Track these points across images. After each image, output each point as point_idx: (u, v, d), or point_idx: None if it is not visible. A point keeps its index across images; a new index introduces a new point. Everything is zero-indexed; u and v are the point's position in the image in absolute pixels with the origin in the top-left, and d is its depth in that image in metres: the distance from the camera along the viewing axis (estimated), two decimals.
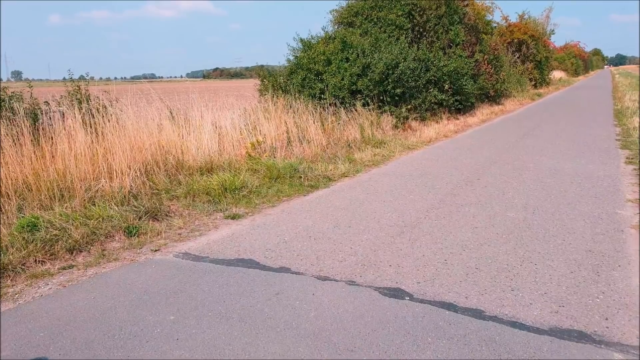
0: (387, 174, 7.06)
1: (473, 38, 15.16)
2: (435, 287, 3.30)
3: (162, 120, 6.38)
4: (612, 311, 2.90)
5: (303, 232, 4.54)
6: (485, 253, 3.89)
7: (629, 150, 8.29)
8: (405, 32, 12.17)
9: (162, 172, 5.65)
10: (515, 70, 23.91)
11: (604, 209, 4.97)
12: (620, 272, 3.46)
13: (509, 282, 3.35)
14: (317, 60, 10.92)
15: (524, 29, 27.56)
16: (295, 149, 7.53)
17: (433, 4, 12.92)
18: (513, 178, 6.48)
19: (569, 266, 3.58)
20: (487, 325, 2.78)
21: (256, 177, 6.17)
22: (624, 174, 6.59)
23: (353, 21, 12.49)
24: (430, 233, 4.42)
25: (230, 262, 3.87)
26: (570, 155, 8.01)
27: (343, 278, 3.50)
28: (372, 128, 9.94)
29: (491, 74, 16.24)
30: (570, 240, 4.12)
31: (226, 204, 5.36)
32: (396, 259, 3.84)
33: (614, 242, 4.06)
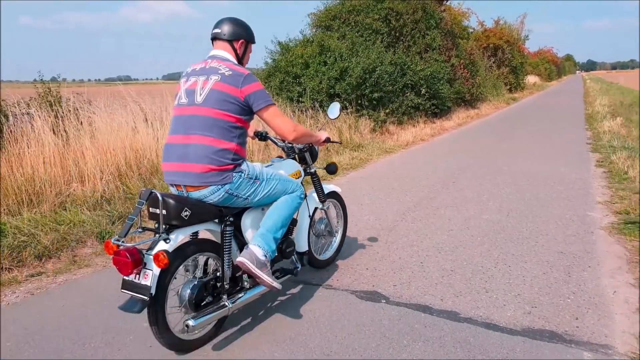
0: (364, 178, 7.08)
1: (449, 43, 15.37)
2: (411, 290, 3.31)
3: (136, 123, 6.27)
4: (582, 311, 2.96)
5: None
6: (460, 255, 3.93)
7: (599, 153, 8.49)
8: (382, 37, 12.26)
9: (136, 175, 5.55)
10: (491, 74, 24.34)
11: (575, 211, 5.07)
12: (590, 273, 3.53)
13: (484, 283, 3.39)
14: (295, 64, 10.91)
15: (500, 34, 28.09)
16: (273, 152, 7.49)
17: (409, 9, 13.04)
18: (488, 181, 6.57)
19: (542, 267, 3.64)
20: (461, 327, 2.80)
21: None
22: (594, 176, 6.74)
23: (331, 25, 12.53)
24: (406, 236, 4.45)
25: None
26: (543, 159, 8.16)
27: (320, 282, 3.49)
28: (351, 131, 9.97)
29: (467, 78, 16.48)
30: (543, 242, 4.19)
31: None
32: (373, 262, 3.84)
33: (584, 243, 4.14)
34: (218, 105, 2.54)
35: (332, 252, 3.78)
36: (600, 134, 10.78)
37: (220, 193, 2.56)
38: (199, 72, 2.66)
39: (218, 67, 2.62)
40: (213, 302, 2.60)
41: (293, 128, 2.76)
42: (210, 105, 2.54)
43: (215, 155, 2.50)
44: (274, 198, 2.85)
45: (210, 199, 2.56)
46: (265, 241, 2.67)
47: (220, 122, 2.54)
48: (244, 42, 2.80)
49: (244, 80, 2.58)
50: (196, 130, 2.53)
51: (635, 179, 6.22)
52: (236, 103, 2.56)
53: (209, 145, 2.50)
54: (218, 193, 2.55)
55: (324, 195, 3.61)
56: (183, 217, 2.41)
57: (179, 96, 2.68)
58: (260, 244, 2.65)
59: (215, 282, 2.64)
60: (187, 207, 2.42)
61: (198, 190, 2.53)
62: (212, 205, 2.59)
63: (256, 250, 2.62)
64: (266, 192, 2.77)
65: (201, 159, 2.49)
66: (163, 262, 2.23)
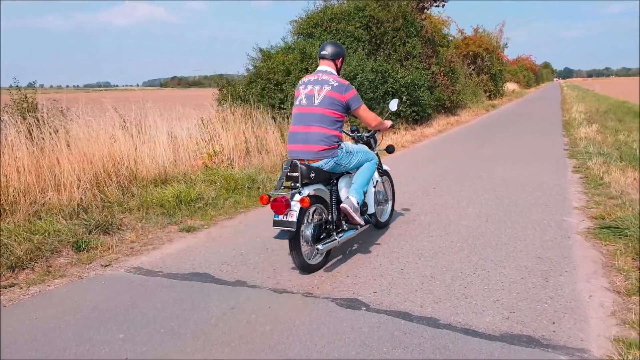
0: None
1: (430, 50, 15.54)
2: (392, 297, 3.31)
3: (115, 130, 6.19)
4: (558, 315, 2.99)
5: (261, 244, 4.49)
6: (440, 261, 3.95)
7: (576, 159, 8.64)
8: (363, 44, 12.35)
9: (114, 183, 5.47)
10: (471, 82, 24.67)
11: (552, 217, 5.15)
12: (567, 278, 3.58)
13: (463, 289, 3.41)
14: (277, 70, 10.92)
15: (479, 42, 28.53)
16: (254, 159, 7.47)
17: (390, 17, 13.16)
18: (467, 187, 6.64)
19: (520, 273, 3.68)
20: (441, 334, 2.81)
21: (212, 189, 6.07)
22: (571, 182, 6.86)
23: (312, 32, 12.58)
24: (387, 242, 4.46)
25: (185, 276, 3.78)
26: (522, 165, 8.28)
27: (300, 290, 3.47)
28: None
29: (447, 85, 16.68)
30: (521, 248, 4.24)
31: (181, 217, 5.25)
32: (353, 269, 3.84)
33: (561, 248, 4.20)
34: (329, 106, 3.79)
35: (387, 216, 4.93)
36: (577, 141, 10.98)
37: (330, 163, 3.82)
38: (314, 82, 3.90)
39: (328, 80, 3.86)
40: (326, 237, 3.86)
41: (374, 119, 4.18)
42: (324, 106, 3.78)
43: (327, 139, 3.76)
44: (360, 164, 4.12)
45: (324, 167, 3.81)
46: (357, 193, 3.97)
47: (330, 117, 3.79)
48: (341, 59, 4.11)
49: (345, 90, 3.86)
50: (314, 122, 3.76)
51: (609, 185, 6.34)
52: (340, 105, 3.83)
53: (323, 132, 3.75)
54: (329, 163, 3.82)
55: (382, 171, 4.86)
56: (310, 178, 3.69)
57: (300, 99, 3.89)
58: (354, 195, 3.94)
59: (325, 224, 3.87)
60: (312, 171, 3.70)
61: (316, 162, 3.76)
62: (325, 172, 3.84)
63: (352, 199, 3.92)
64: (356, 160, 4.06)
65: (318, 142, 3.74)
66: (307, 203, 3.48)
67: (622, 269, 3.69)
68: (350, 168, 4.07)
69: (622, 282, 3.45)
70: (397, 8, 13.39)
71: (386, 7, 13.22)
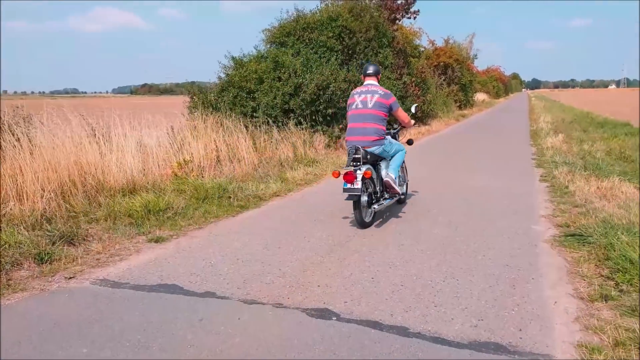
0: (318, 193, 7.09)
1: (401, 61, 15.75)
2: (362, 306, 3.31)
3: (81, 139, 6.04)
4: (525, 322, 3.04)
5: (231, 254, 4.43)
6: (410, 270, 3.98)
7: (543, 168, 8.86)
8: (336, 54, 12.42)
9: (80, 193, 5.33)
10: (442, 92, 25.09)
11: (520, 225, 5.26)
12: (534, 285, 3.64)
13: (433, 298, 3.43)
14: (249, 79, 10.89)
15: (449, 53, 29.11)
16: (225, 168, 7.40)
17: (363, 27, 13.29)
18: (438, 195, 6.73)
19: (488, 281, 3.73)
20: (411, 342, 2.82)
21: (182, 198, 5.98)
22: (538, 191, 7.03)
23: (285, 41, 12.59)
24: (358, 251, 4.46)
25: (152, 288, 3.70)
26: (491, 174, 8.44)
27: (270, 301, 3.43)
28: (305, 147, 10.00)
29: (418, 95, 16.91)
30: (490, 256, 4.30)
31: (149, 227, 5.14)
32: (325, 279, 3.83)
33: (528, 256, 4.29)
34: (379, 109, 5.26)
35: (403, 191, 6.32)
36: (544, 150, 11.28)
37: (379, 149, 5.31)
38: (366, 92, 5.36)
39: (376, 90, 5.37)
40: (374, 203, 5.28)
41: (407, 118, 5.81)
42: (375, 109, 5.25)
43: (378, 132, 5.23)
44: (395, 152, 5.58)
45: (375, 152, 5.29)
46: (394, 172, 5.50)
47: (379, 117, 5.27)
48: (379, 75, 5.62)
49: (389, 97, 5.37)
50: (369, 120, 5.23)
51: (574, 193, 6.52)
52: (385, 107, 5.31)
53: (375, 127, 5.22)
54: (378, 149, 5.30)
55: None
56: (367, 159, 5.12)
57: (356, 104, 5.34)
58: (392, 172, 5.47)
59: (372, 194, 5.27)
60: (368, 154, 5.16)
61: (370, 148, 5.20)
62: (375, 155, 5.32)
63: (391, 175, 5.44)
64: (394, 149, 5.55)
65: (372, 134, 5.21)
66: (369, 174, 4.94)
67: (585, 276, 3.78)
68: (390, 155, 5.54)
69: (585, 289, 3.54)
70: (369, 19, 13.54)
71: (359, 17, 13.36)
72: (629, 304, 3.22)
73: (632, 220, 4.91)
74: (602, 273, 3.82)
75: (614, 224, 4.79)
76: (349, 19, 12.98)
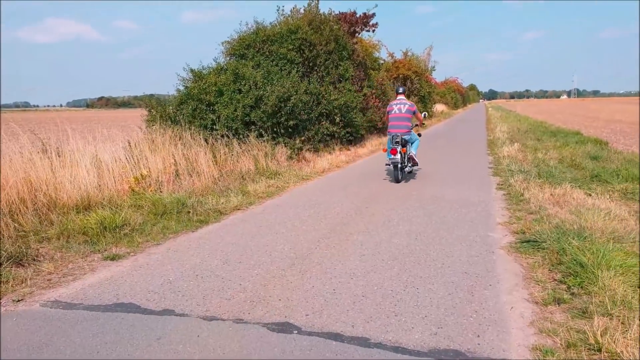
0: (280, 205, 7.05)
1: (362, 73, 15.97)
2: (323, 318, 3.30)
3: (31, 154, 5.81)
4: (483, 328, 3.10)
5: (190, 270, 4.34)
6: (371, 280, 3.99)
7: (500, 177, 9.12)
8: (296, 66, 12.48)
9: (30, 211, 5.12)
10: None
11: (478, 233, 5.37)
12: (491, 291, 3.72)
13: (393, 307, 3.45)
14: (209, 91, 10.79)
15: (408, 65, 29.74)
16: (184, 182, 7.27)
17: (323, 40, 13.42)
18: (398, 206, 6.81)
19: (447, 288, 3.79)
20: (371, 353, 2.82)
21: (140, 214, 5.83)
22: (495, 199, 7.21)
23: (245, 53, 12.56)
24: (320, 263, 4.45)
25: (107, 307, 3.57)
26: (449, 183, 8.62)
27: (230, 317, 3.37)
28: (267, 159, 9.96)
29: (379, 107, 17.16)
30: (449, 264, 4.37)
31: (105, 244, 4.98)
32: (286, 292, 3.79)
33: (486, 263, 4.38)
34: (408, 113, 8.87)
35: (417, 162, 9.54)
36: (501, 159, 11.60)
37: (408, 136, 8.85)
38: (399, 103, 8.94)
39: (405, 102, 8.96)
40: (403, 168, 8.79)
41: (422, 118, 9.88)
42: (406, 113, 8.86)
43: (407, 127, 8.87)
44: (414, 139, 9.24)
45: (405, 138, 8.73)
46: (415, 150, 9.23)
47: (408, 118, 8.89)
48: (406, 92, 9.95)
49: (412, 106, 8.99)
50: (403, 120, 8.84)
51: (529, 201, 6.72)
52: (411, 112, 8.95)
53: (406, 124, 8.85)
54: (407, 136, 8.83)
55: None
56: (403, 141, 8.65)
57: (394, 110, 8.92)
58: (413, 151, 9.16)
59: (400, 164, 8.58)
60: (402, 139, 8.60)
61: (404, 136, 8.69)
62: (405, 140, 8.70)
63: (413, 152, 9.14)
64: (414, 137, 9.26)
65: (405, 128, 8.82)
66: (404, 151, 8.65)
67: (540, 281, 3.89)
68: (412, 141, 9.12)
69: (539, 293, 3.64)
70: (329, 31, 13.68)
71: (318, 30, 13.48)
72: (579, 307, 3.33)
73: (583, 225, 5.10)
74: (555, 277, 3.95)
75: (565, 229, 4.97)
76: (309, 32, 13.08)
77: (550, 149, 12.83)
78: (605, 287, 3.50)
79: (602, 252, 4.04)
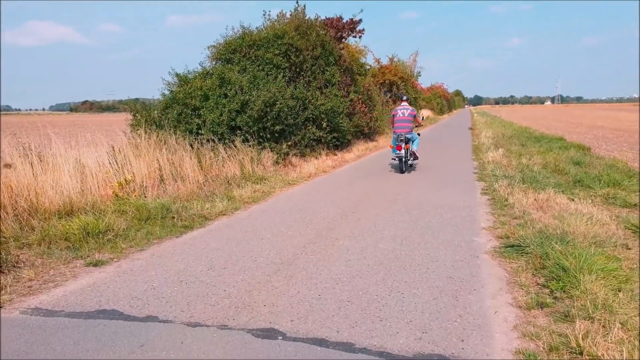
0: (266, 211, 7.03)
1: (348, 79, 16.02)
2: (309, 324, 3.29)
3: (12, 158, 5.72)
4: (467, 333, 3.11)
5: (174, 276, 4.30)
6: (357, 285, 3.99)
7: (484, 182, 9.20)
8: (283, 71, 12.48)
9: (10, 217, 5.03)
10: (388, 109, 25.68)
11: (462, 237, 5.41)
12: (475, 296, 3.75)
13: (378, 312, 3.45)
14: (194, 95, 10.73)
15: (394, 70, 29.96)
16: (169, 187, 7.21)
17: (309, 45, 13.44)
18: (384, 210, 6.83)
19: (432, 293, 3.80)
20: (356, 358, 2.82)
21: (124, 219, 5.76)
22: (479, 204, 7.27)
23: (231, 58, 12.53)
24: (305, 269, 4.44)
25: (90, 314, 3.52)
26: (435, 188, 8.68)
27: (215, 323, 3.35)
28: (253, 164, 9.92)
29: (365, 112, 17.23)
30: (434, 268, 4.39)
31: (88, 250, 4.92)
32: (271, 298, 3.78)
33: (470, 267, 4.41)
34: (409, 116, 11.04)
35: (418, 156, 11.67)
36: (485, 164, 11.71)
37: (410, 135, 10.87)
38: (403, 108, 11.18)
39: (408, 107, 11.27)
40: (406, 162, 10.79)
41: (420, 121, 12.28)
42: (408, 116, 11.05)
43: (410, 127, 10.94)
44: (415, 138, 11.26)
45: (408, 136, 10.75)
46: (416, 147, 11.35)
47: (410, 120, 11.05)
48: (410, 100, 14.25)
49: (414, 110, 11.38)
50: (406, 122, 10.95)
51: (513, 206, 6.79)
52: (412, 115, 11.18)
53: (409, 125, 10.93)
54: (410, 135, 10.84)
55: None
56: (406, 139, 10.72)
57: (399, 114, 11.05)
58: (415, 147, 11.28)
59: (404, 157, 10.67)
60: (405, 137, 10.69)
61: (407, 135, 10.71)
62: (407, 138, 10.74)
63: (414, 148, 11.26)
64: (415, 136, 11.30)
65: (407, 128, 10.87)
66: (407, 147, 10.79)
67: (523, 285, 3.93)
68: (413, 139, 10.85)
69: (523, 297, 3.67)
70: (315, 37, 13.71)
71: (305, 35, 13.50)
72: (562, 310, 3.37)
73: (565, 230, 5.16)
74: (539, 281, 3.99)
75: (549, 234, 5.02)
76: (296, 37, 13.10)
77: (534, 154, 12.98)
78: (587, 291, 3.54)
79: (584, 256, 4.10)
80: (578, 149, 14.08)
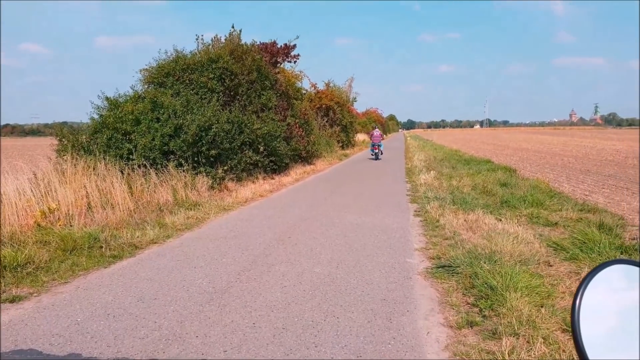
0: (200, 238, 6.85)
1: (285, 103, 16.15)
2: (242, 354, 3.21)
3: None
4: (400, 355, 3.16)
5: (100, 309, 4.07)
6: (292, 311, 3.96)
7: (417, 204, 9.50)
8: (217, 95, 12.39)
9: None
10: (325, 133, 26.13)
11: (396, 259, 5.53)
12: (408, 317, 3.82)
13: (313, 338, 3.44)
14: (125, 120, 10.40)
15: (330, 95, 30.53)
16: (97, 215, 6.87)
17: (244, 70, 13.45)
18: (320, 234, 6.86)
19: (367, 316, 3.84)
20: None
21: (46, 250, 5.41)
22: (412, 225, 7.49)
23: (164, 81, 12.29)
24: (240, 297, 4.35)
25: (4, 355, 3.25)
26: (370, 210, 8.84)
27: (143, 357, 3.19)
28: (187, 190, 9.68)
29: (302, 136, 17.39)
30: (369, 291, 4.45)
31: (5, 285, 4.56)
32: (204, 328, 3.66)
33: (404, 289, 4.51)
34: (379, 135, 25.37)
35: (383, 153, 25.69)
36: (418, 186, 12.11)
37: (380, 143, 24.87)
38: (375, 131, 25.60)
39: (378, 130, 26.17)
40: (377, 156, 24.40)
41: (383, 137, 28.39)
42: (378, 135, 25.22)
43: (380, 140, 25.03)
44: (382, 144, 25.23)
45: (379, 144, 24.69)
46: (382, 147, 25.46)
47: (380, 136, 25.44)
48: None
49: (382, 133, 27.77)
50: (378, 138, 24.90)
51: (444, 227, 7.05)
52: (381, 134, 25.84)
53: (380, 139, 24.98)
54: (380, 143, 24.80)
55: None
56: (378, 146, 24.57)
57: (374, 134, 25.23)
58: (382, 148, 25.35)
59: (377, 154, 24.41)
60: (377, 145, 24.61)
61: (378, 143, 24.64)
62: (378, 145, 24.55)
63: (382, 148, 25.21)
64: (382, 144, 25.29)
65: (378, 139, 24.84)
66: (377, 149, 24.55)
67: (454, 305, 4.06)
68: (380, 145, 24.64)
69: (454, 317, 3.79)
70: (251, 61, 13.76)
71: (240, 60, 13.52)
72: (490, 328, 3.51)
73: (493, 249, 5.41)
74: (469, 301, 4.14)
75: (478, 254, 5.24)
76: (230, 61, 13.08)
77: (464, 176, 13.58)
78: (513, 308, 3.71)
79: (510, 274, 4.31)
80: (505, 170, 14.90)
